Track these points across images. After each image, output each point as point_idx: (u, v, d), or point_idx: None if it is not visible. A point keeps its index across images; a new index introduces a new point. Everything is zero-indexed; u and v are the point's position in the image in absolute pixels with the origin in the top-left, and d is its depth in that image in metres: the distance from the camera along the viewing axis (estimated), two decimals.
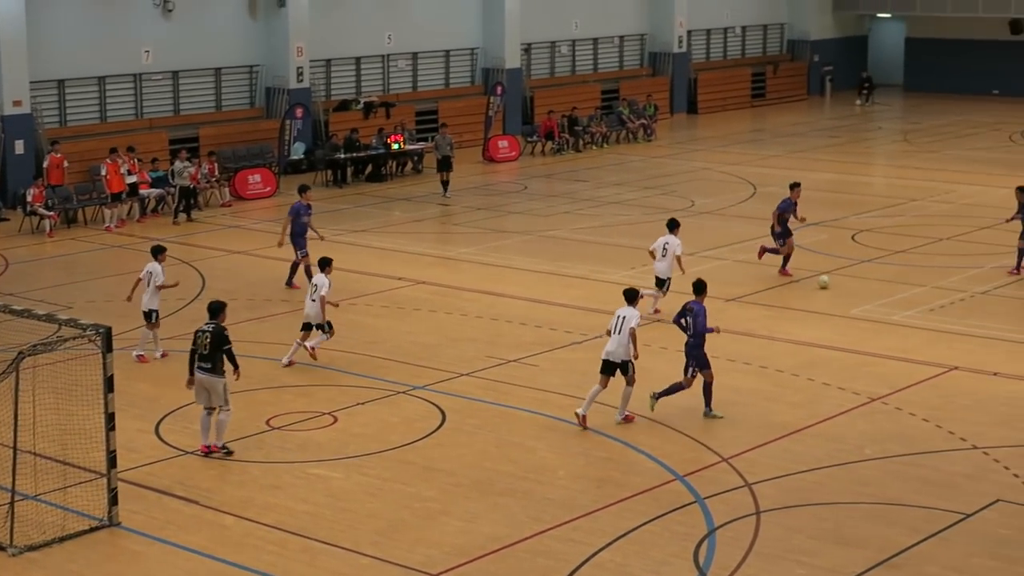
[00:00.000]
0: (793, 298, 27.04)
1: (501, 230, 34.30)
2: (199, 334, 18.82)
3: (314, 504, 17.14)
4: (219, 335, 18.74)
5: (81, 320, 17.35)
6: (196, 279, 29.02)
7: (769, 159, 44.88)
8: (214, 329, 18.81)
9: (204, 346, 18.67)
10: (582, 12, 53.90)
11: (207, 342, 18.67)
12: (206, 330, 18.83)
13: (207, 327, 18.89)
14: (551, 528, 16.31)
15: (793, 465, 18.26)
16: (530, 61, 52.08)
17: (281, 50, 43.43)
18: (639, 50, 56.64)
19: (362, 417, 20.37)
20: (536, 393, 21.35)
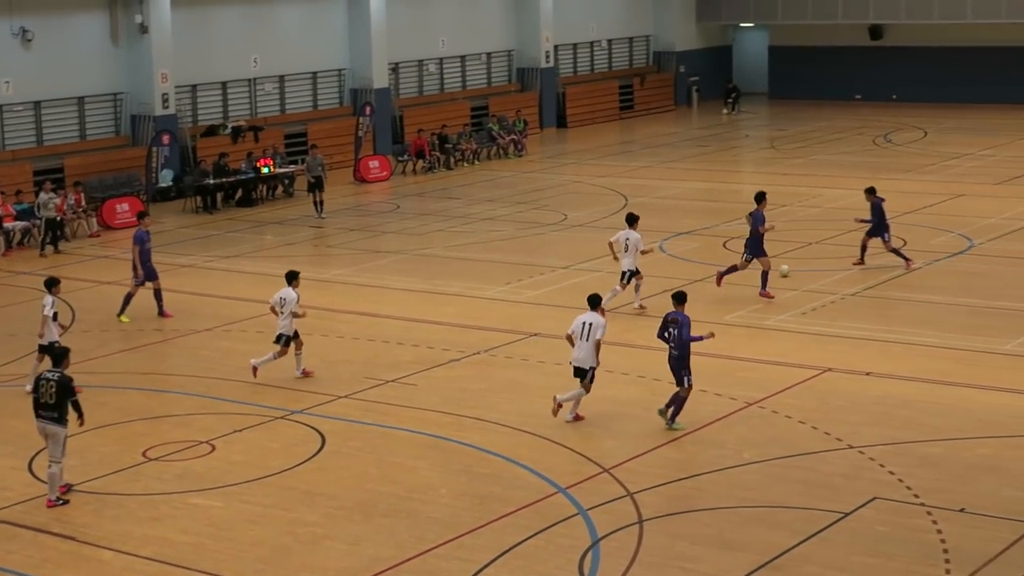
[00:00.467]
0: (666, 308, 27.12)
1: (375, 250, 34.17)
2: (42, 382, 18.00)
3: (195, 534, 16.90)
4: (64, 385, 17.93)
5: None
6: (66, 312, 28.49)
7: (639, 170, 45.22)
8: (59, 379, 17.99)
9: (49, 395, 17.89)
10: (449, 30, 53.95)
11: (52, 391, 17.88)
12: (50, 379, 18.00)
13: (51, 375, 18.05)
14: (435, 547, 16.24)
15: (674, 473, 18.38)
16: (398, 80, 52.01)
17: (145, 77, 42.92)
18: (507, 66, 56.83)
19: (241, 444, 20.15)
20: (415, 412, 21.27)
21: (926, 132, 52.09)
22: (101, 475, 19.00)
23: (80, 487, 18.56)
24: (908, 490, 17.56)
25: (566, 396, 20.52)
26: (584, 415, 20.64)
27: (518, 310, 27.44)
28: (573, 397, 20.53)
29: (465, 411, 21.19)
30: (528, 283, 29.55)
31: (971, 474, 18.11)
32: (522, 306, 27.77)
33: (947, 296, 26.74)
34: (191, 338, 26.08)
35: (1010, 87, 58.15)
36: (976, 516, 16.72)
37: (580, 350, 20.37)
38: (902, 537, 16.16)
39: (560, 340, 24.62)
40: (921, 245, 31.57)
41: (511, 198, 40.76)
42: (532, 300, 28.20)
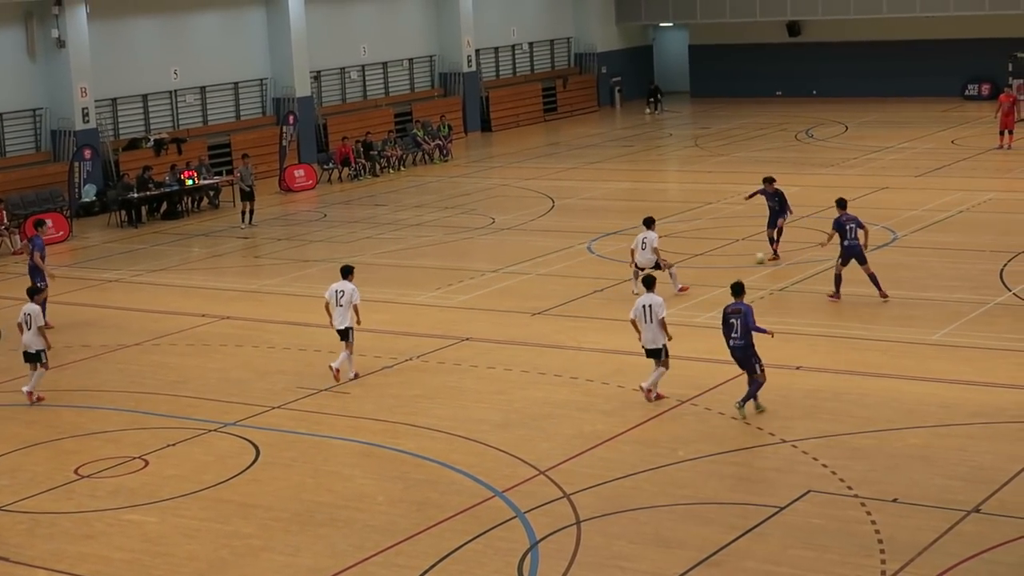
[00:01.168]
0: (598, 308, 27.31)
1: (304, 259, 34.03)
2: None
3: (130, 551, 16.76)
4: None
5: None
6: None
7: (565, 172, 45.34)
8: None
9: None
10: (369, 37, 53.84)
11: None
12: None
13: None
14: (374, 555, 16.21)
15: (609, 472, 18.44)
16: (320, 88, 51.85)
17: (64, 91, 42.54)
18: (429, 71, 56.80)
19: (174, 458, 20.00)
20: (350, 420, 21.22)
21: (847, 127, 52.57)
22: (32, 494, 18.80)
23: (11, 507, 18.38)
24: (841, 482, 17.71)
25: (650, 380, 21.27)
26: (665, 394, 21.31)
27: (449, 315, 27.43)
28: (656, 379, 21.27)
29: (399, 418, 21.16)
30: (458, 287, 29.55)
31: (902, 464, 18.29)
32: (453, 311, 27.76)
33: (873, 288, 26.98)
34: (119, 353, 25.87)
35: (927, 80, 58.79)
36: (909, 506, 16.89)
37: (648, 331, 21.19)
38: (837, 529, 16.30)
39: (492, 344, 24.78)
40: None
41: (438, 203, 40.74)
42: (463, 304, 28.20)
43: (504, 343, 25.08)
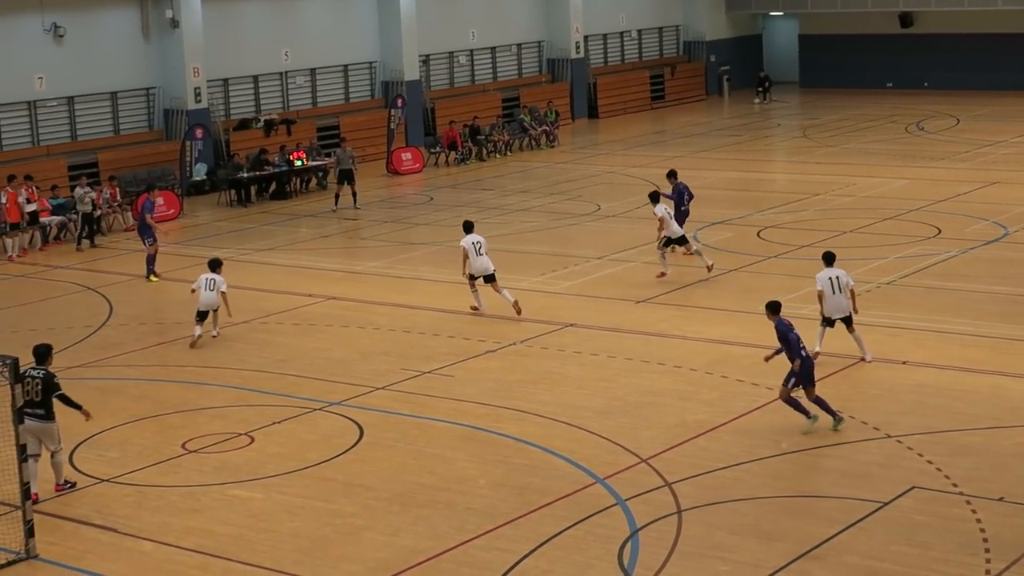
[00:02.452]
0: (702, 297, 27.23)
1: (409, 242, 34.24)
2: (27, 378, 17.78)
3: (235, 526, 17.00)
4: (49, 382, 18.01)
5: None
6: (103, 305, 28.71)
7: (671, 160, 45.04)
8: (44, 376, 18.06)
9: (36, 392, 17.89)
10: (478, 21, 53.99)
11: (38, 388, 17.90)
12: (35, 376, 17.98)
13: (36, 372, 18.05)
14: (474, 538, 16.30)
15: (711, 462, 18.39)
16: (429, 72, 52.09)
17: (177, 71, 43.09)
18: (537, 57, 56.83)
19: (279, 436, 20.25)
20: (452, 403, 21.34)
21: (958, 120, 51.87)
22: (141, 467, 19.13)
23: (120, 479, 18.72)
24: (946, 479, 17.52)
25: (865, 350, 22.39)
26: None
27: (553, 301, 27.47)
28: (861, 343, 22.44)
29: (502, 402, 21.25)
30: (563, 274, 29.58)
31: (1009, 463, 18.06)
32: (557, 296, 27.80)
33: (981, 284, 26.64)
34: (227, 330, 26.17)
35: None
36: (1015, 505, 16.68)
37: (839, 301, 22.14)
38: (941, 526, 16.14)
39: (596, 331, 24.81)
40: (955, 233, 31.48)
41: (544, 189, 40.78)
42: (567, 291, 28.23)
43: (608, 330, 25.09)
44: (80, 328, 26.62)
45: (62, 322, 26.94)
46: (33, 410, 17.84)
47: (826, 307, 22.34)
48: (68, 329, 26.42)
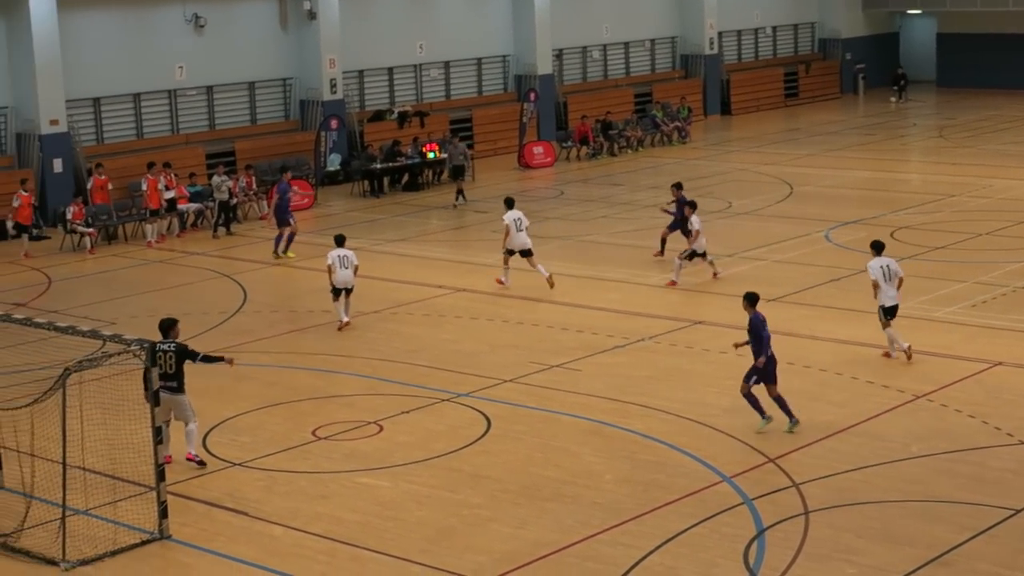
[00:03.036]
0: (832, 297, 26.97)
1: (538, 236, 34.19)
2: (159, 352, 18.14)
3: (362, 513, 17.20)
4: (182, 352, 18.52)
5: (125, 335, 17.46)
6: (237, 292, 29.17)
7: (804, 158, 44.79)
8: (176, 348, 18.55)
9: (169, 365, 18.37)
10: (612, 16, 53.92)
11: (171, 361, 18.39)
12: (167, 349, 18.45)
13: (166, 346, 18.49)
14: (599, 532, 16.33)
15: (839, 464, 18.22)
16: (562, 67, 52.13)
17: (313, 62, 43.61)
18: (671, 53, 56.62)
19: (407, 426, 20.43)
20: (579, 398, 21.37)
21: None
22: (271, 452, 19.42)
23: (251, 463, 19.02)
24: None
25: (897, 339, 22.48)
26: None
27: (682, 297, 27.39)
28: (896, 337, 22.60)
29: (629, 397, 21.24)
30: (692, 271, 29.43)
31: None
32: (686, 293, 27.71)
33: None
34: (358, 320, 26.44)
35: None
36: None
37: (892, 289, 22.35)
38: None
39: (724, 328, 24.64)
40: None
41: None
42: (696, 288, 28.12)
43: (736, 328, 24.83)
44: (215, 314, 27.07)
45: (197, 307, 27.42)
46: (166, 383, 18.38)
47: (881, 296, 22.42)
48: (203, 315, 26.89)
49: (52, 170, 37.48)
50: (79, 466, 17.25)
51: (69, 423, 16.16)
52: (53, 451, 16.73)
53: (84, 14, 38.89)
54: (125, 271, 32.21)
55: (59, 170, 37.57)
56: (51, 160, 37.47)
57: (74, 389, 16.51)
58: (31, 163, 37.49)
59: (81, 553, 16.03)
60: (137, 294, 29.59)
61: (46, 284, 30.95)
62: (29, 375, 20.67)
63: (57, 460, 16.40)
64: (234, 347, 24.57)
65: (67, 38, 37.92)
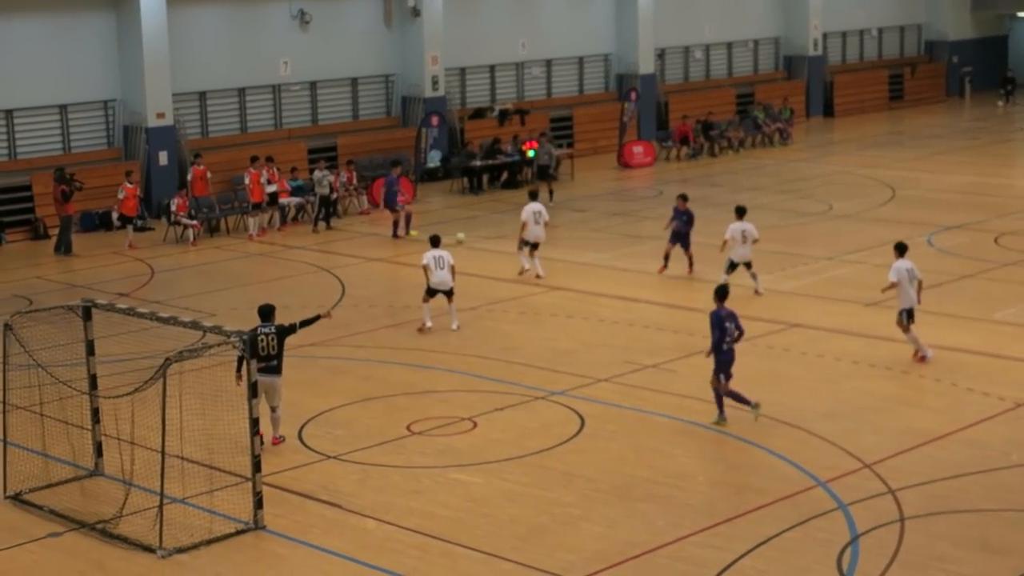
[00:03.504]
0: (934, 303, 26.62)
1: (636, 235, 34.25)
2: (260, 336, 18.95)
3: (455, 509, 17.27)
4: (281, 331, 19.28)
5: (225, 327, 17.68)
6: (335, 286, 29.40)
7: (908, 162, 44.29)
8: (276, 328, 19.27)
9: (272, 347, 19.04)
10: (714, 16, 53.68)
11: (273, 343, 19.07)
12: (268, 331, 19.16)
13: (266, 329, 19.20)
14: (691, 534, 16.27)
15: (937, 471, 18.01)
16: (664, 66, 51.97)
17: (416, 59, 43.83)
18: (773, 53, 56.26)
19: (501, 423, 20.48)
20: (673, 398, 21.30)
21: None
22: (366, 446, 19.55)
23: (345, 456, 19.16)
24: None
25: (919, 344, 22.61)
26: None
27: (780, 300, 27.21)
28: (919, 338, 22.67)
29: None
30: (791, 273, 29.28)
31: None
32: (784, 296, 27.52)
33: None
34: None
35: None
36: None
37: (913, 292, 22.65)
38: None
39: (822, 332, 24.50)
40: None
41: (775, 187, 40.37)
42: (794, 290, 27.93)
43: (835, 332, 24.76)
44: (313, 308, 27.22)
45: (296, 301, 27.66)
46: (267, 363, 18.97)
47: (903, 298, 22.46)
48: (302, 308, 27.07)
49: (157, 163, 38.02)
50: (177, 455, 17.50)
51: (168, 412, 16.37)
52: (152, 440, 17.00)
53: (192, 9, 39.39)
54: (226, 263, 32.60)
55: (164, 163, 38.10)
56: (157, 153, 38.02)
57: (174, 379, 16.71)
58: (137, 155, 38.07)
59: (177, 541, 16.25)
60: (237, 286, 29.93)
61: (149, 275, 31.40)
62: (131, 364, 20.96)
63: (156, 449, 16.64)
64: (331, 341, 24.79)
65: (175, 32, 38.44)
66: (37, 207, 36.18)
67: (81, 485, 18.19)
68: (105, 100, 38.18)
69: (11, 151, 36.91)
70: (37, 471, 18.12)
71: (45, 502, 17.58)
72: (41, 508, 17.46)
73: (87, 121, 38.14)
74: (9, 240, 35.58)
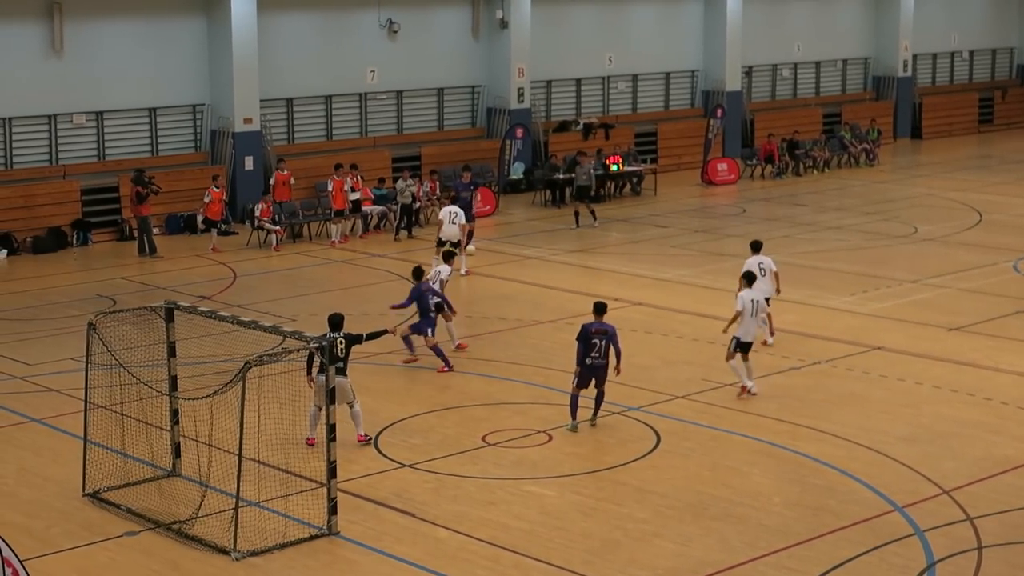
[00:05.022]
0: (1019, 329, 26.31)
1: (719, 253, 34.10)
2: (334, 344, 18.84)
3: (528, 521, 17.25)
4: (350, 339, 19.52)
5: (305, 333, 17.77)
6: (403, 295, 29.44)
7: (996, 186, 43.78)
8: (346, 335, 19.50)
9: (340, 351, 19.19)
10: (804, 35, 53.36)
11: (341, 346, 19.25)
12: (337, 336, 19.34)
13: (336, 335, 19.41)
14: (766, 555, 16.15)
15: (1017, 500, 17.76)
16: (751, 84, 51.74)
17: (503, 71, 43.90)
18: (862, 74, 55.84)
19: (576, 437, 20.44)
20: (751, 418, 21.16)
21: None
22: (441, 456, 19.57)
23: (421, 465, 19.20)
24: None
25: (742, 376, 22.11)
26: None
27: (861, 322, 26.96)
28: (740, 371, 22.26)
29: (801, 420, 20.98)
30: (873, 295, 29.01)
31: None
32: (866, 318, 27.27)
33: None
34: (533, 329, 26.58)
35: None
36: None
37: (753, 326, 22.35)
38: None
39: (904, 356, 24.25)
40: None
41: (860, 208, 40.04)
42: (877, 313, 27.67)
43: (916, 356, 24.50)
44: (392, 316, 27.38)
45: (375, 308, 27.75)
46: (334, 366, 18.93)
47: (742, 330, 22.00)
48: (380, 316, 27.18)
49: (243, 167, 38.34)
50: (254, 458, 17.59)
51: (246, 416, 16.46)
52: (230, 442, 17.10)
53: (282, 16, 39.71)
54: (308, 269, 32.80)
55: (250, 168, 38.41)
56: (243, 158, 38.34)
57: (253, 383, 16.81)
58: (223, 160, 38.41)
59: (251, 544, 16.34)
60: (318, 292, 30.09)
61: (231, 279, 31.65)
62: (211, 367, 21.13)
63: (233, 451, 16.75)
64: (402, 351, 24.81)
65: (264, 39, 38.76)
66: (123, 209, 36.58)
67: (159, 485, 18.34)
68: (193, 104, 38.55)
69: (100, 152, 37.35)
70: (116, 470, 18.30)
71: (123, 501, 17.75)
72: (119, 507, 17.63)
73: (175, 124, 38.53)
74: (95, 240, 35.99)
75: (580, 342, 20.58)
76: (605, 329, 20.57)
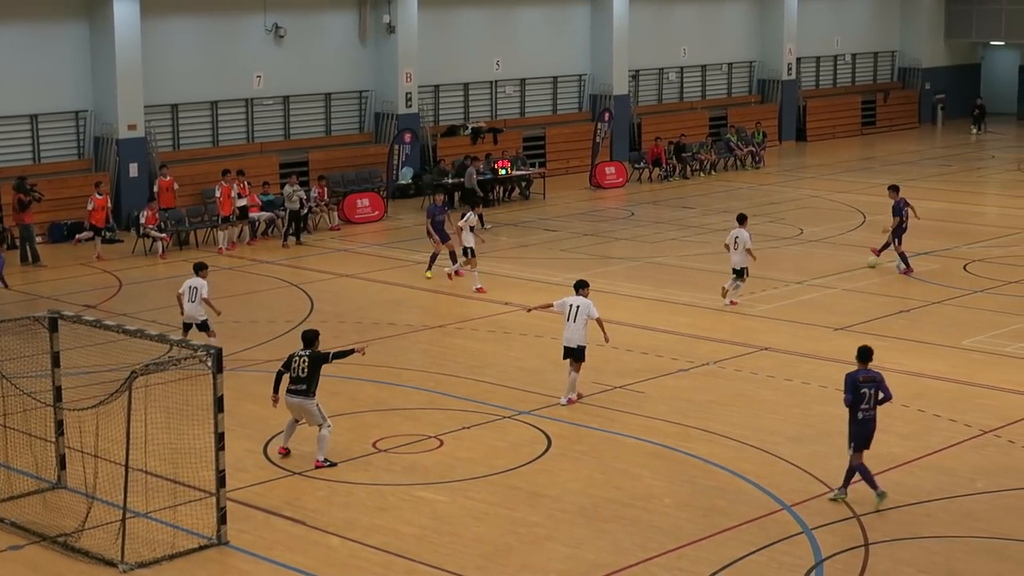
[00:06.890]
0: (902, 328, 26.71)
1: (607, 256, 34.25)
2: (295, 358, 19.31)
3: (420, 527, 17.18)
4: (315, 357, 19.29)
5: (192, 341, 17.56)
6: (304, 302, 29.28)
7: (879, 187, 44.16)
8: (311, 354, 19.33)
9: (301, 369, 19.14)
10: (690, 39, 53.79)
11: (304, 365, 19.16)
12: (303, 355, 19.29)
13: (303, 352, 19.35)
14: (657, 556, 16.22)
15: (902, 497, 18.01)
16: (638, 88, 52.06)
17: (390, 76, 43.77)
18: (747, 77, 56.42)
19: (468, 441, 20.41)
20: (642, 420, 21.27)
21: None
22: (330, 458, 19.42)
23: (311, 473, 19.05)
24: None
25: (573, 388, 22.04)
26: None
27: (749, 323, 27.22)
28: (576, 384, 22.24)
29: (692, 422, 21.12)
30: (761, 296, 29.29)
31: None
32: (754, 319, 27.54)
33: None
34: (424, 334, 26.51)
35: None
36: None
37: (574, 330, 22.27)
38: None
39: (791, 356, 24.50)
40: None
41: (747, 210, 39.98)
42: (764, 314, 27.94)
43: (804, 356, 24.78)
44: (281, 323, 27.19)
45: (264, 315, 27.54)
46: (296, 386, 19.26)
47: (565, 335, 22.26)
48: (269, 323, 27.02)
49: (128, 174, 37.84)
50: (141, 469, 17.36)
51: (133, 426, 16.24)
52: (116, 453, 16.84)
53: (166, 20, 39.26)
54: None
55: (134, 174, 37.92)
56: (127, 164, 37.83)
57: (140, 392, 16.58)
58: (107, 167, 37.89)
59: (140, 556, 16.11)
60: None
61: (117, 287, 31.22)
62: (96, 376, 20.81)
63: (120, 462, 16.50)
64: None
65: (148, 44, 38.28)
66: (5, 217, 35.93)
67: (43, 498, 18.03)
68: (76, 110, 37.99)
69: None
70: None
71: (6, 514, 17.42)
72: (2, 520, 17.29)
73: (58, 131, 37.93)
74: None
75: (848, 394, 17.85)
76: (873, 376, 17.94)
